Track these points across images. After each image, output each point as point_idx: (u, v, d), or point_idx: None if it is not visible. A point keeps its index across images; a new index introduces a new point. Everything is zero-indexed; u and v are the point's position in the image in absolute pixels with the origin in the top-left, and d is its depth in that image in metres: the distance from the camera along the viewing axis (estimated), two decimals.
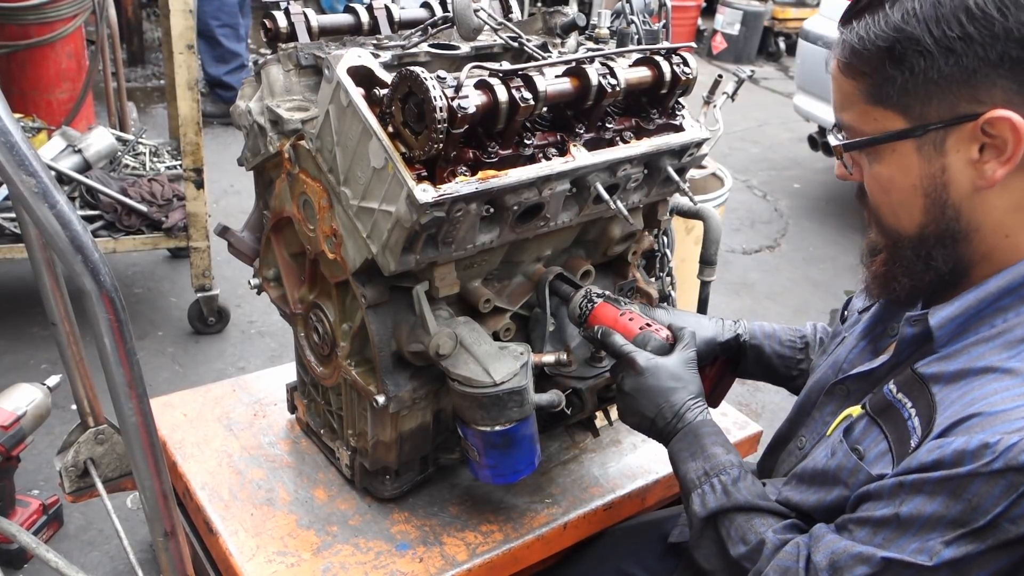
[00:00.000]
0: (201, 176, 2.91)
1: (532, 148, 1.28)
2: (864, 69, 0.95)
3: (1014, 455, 0.83)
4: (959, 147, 0.92)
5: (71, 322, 1.56)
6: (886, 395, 1.03)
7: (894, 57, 0.91)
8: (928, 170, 0.94)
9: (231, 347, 3.16)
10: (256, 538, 1.51)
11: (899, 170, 0.96)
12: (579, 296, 1.43)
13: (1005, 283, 0.95)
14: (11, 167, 0.86)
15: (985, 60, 0.87)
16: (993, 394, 0.89)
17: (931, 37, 0.88)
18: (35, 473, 2.41)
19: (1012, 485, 0.84)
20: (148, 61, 6.00)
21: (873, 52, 0.93)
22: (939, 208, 0.96)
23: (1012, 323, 0.94)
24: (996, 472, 0.84)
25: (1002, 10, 0.85)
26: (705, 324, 1.47)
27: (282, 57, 1.40)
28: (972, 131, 0.90)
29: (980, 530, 0.86)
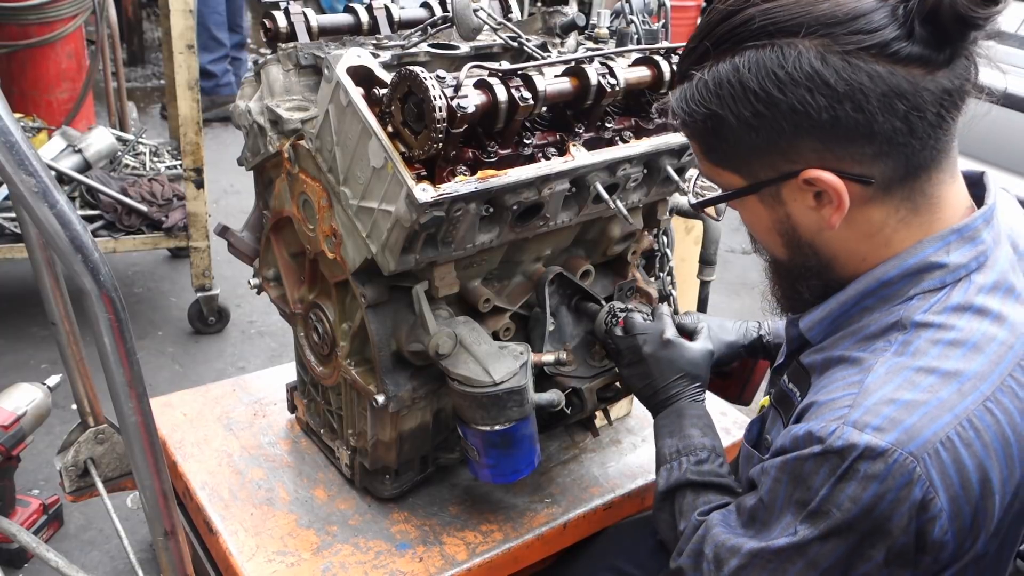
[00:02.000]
0: (201, 176, 2.91)
1: (531, 148, 1.28)
2: (694, 136, 1.01)
3: (831, 440, 0.88)
4: (795, 197, 0.96)
5: (71, 322, 1.56)
6: (782, 386, 1.12)
7: (710, 130, 0.96)
8: (775, 216, 1.00)
9: (231, 347, 3.16)
10: (256, 538, 1.51)
11: (754, 216, 1.03)
12: (603, 313, 1.48)
13: (863, 287, 1.00)
14: (11, 167, 0.86)
15: (782, 132, 0.91)
16: (833, 383, 0.96)
17: (732, 115, 0.93)
18: (35, 473, 2.41)
19: (832, 468, 0.88)
20: (148, 61, 6.00)
21: (693, 124, 0.98)
22: (795, 246, 1.02)
23: (872, 319, 0.99)
24: (818, 455, 0.89)
25: (781, 90, 0.89)
26: (728, 327, 1.53)
27: (282, 57, 1.40)
28: (799, 185, 0.94)
29: (813, 514, 0.91)
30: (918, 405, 0.87)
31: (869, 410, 0.88)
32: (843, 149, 0.91)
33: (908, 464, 0.85)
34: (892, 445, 0.85)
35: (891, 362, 0.92)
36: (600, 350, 1.56)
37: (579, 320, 1.57)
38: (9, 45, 3.50)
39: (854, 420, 0.87)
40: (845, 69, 0.87)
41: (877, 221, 0.96)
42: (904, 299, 0.97)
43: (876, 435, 0.86)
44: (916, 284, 0.96)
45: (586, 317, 1.55)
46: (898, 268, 0.97)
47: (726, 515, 1.06)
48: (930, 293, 0.96)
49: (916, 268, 0.96)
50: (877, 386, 0.90)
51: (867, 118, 0.88)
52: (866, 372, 0.92)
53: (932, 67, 0.87)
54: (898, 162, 0.91)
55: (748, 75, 0.90)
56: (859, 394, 0.90)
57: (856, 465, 0.86)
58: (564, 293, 1.55)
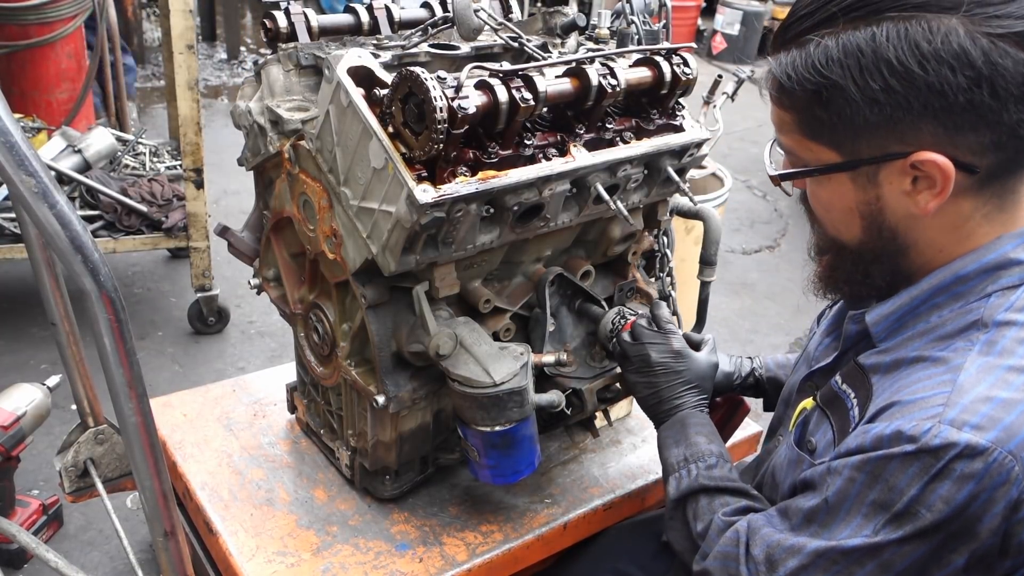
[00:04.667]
0: (201, 176, 2.91)
1: (532, 148, 1.27)
2: (794, 106, 0.97)
3: (927, 439, 0.86)
4: (892, 180, 0.94)
5: (71, 322, 1.56)
6: (833, 387, 1.08)
7: (821, 101, 0.92)
8: (863, 197, 0.97)
9: (231, 347, 3.16)
10: (256, 538, 1.51)
11: (836, 195, 1.00)
12: (611, 314, 1.49)
13: (937, 282, 0.98)
14: (11, 167, 0.86)
15: (909, 110, 0.89)
16: (917, 382, 0.93)
17: (855, 86, 0.89)
18: (35, 473, 2.41)
19: (924, 467, 0.86)
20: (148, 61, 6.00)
21: (800, 93, 0.94)
22: (876, 229, 0.99)
23: (946, 318, 0.97)
24: (909, 455, 0.87)
25: (922, 65, 0.86)
26: (724, 360, 1.53)
27: (282, 57, 1.40)
28: (902, 167, 0.92)
29: (898, 515, 0.88)
30: (1015, 404, 0.86)
31: (967, 408, 0.86)
32: (963, 135, 0.89)
33: (1008, 463, 0.83)
34: (992, 443, 0.84)
35: (980, 361, 0.90)
36: (600, 351, 1.56)
37: (579, 321, 1.57)
38: (9, 45, 3.50)
39: (951, 418, 0.86)
40: (992, 51, 0.84)
41: (965, 213, 0.95)
42: (981, 296, 0.95)
43: (976, 433, 0.84)
44: (994, 281, 0.95)
45: (587, 318, 1.55)
46: (976, 263, 0.96)
47: (770, 518, 1.03)
48: (1009, 290, 0.94)
49: (995, 264, 0.95)
50: (971, 384, 0.88)
51: (1000, 105, 0.86)
52: (956, 371, 0.90)
53: None
54: (1008, 155, 0.90)
55: (887, 45, 0.86)
56: (952, 392, 0.88)
57: (952, 465, 0.84)
58: (564, 294, 1.55)
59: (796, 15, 0.95)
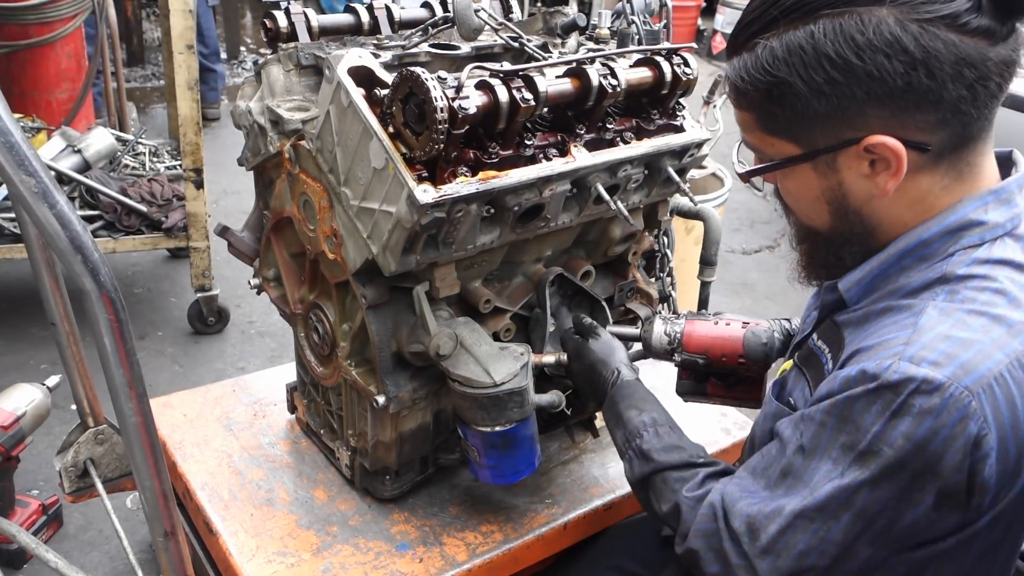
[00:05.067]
0: (201, 176, 2.91)
1: (533, 149, 1.27)
2: (751, 106, 1.02)
3: (887, 375, 0.89)
4: (850, 165, 0.99)
5: (71, 322, 1.56)
6: (810, 344, 1.13)
7: (773, 98, 0.97)
8: (826, 184, 1.02)
9: (231, 347, 3.16)
10: (256, 538, 1.51)
11: (801, 185, 1.05)
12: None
13: (903, 246, 1.02)
14: (11, 167, 0.86)
15: (853, 98, 0.94)
16: (882, 327, 0.98)
17: (802, 82, 0.94)
18: (35, 473, 2.41)
19: (885, 404, 0.89)
20: (148, 61, 6.00)
21: (754, 93, 0.99)
22: (842, 213, 1.03)
23: (913, 277, 1.01)
24: (871, 392, 0.90)
25: (859, 55, 0.91)
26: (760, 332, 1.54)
27: (282, 57, 1.40)
28: (857, 152, 0.97)
29: (863, 454, 0.91)
30: (972, 342, 0.89)
31: (925, 346, 0.89)
32: (909, 116, 0.93)
33: (964, 398, 0.86)
34: (948, 379, 0.86)
35: (942, 306, 0.94)
36: None
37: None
38: (9, 45, 3.50)
39: (910, 355, 0.89)
40: (922, 36, 0.89)
41: (924, 188, 0.99)
42: (944, 256, 0.99)
43: (933, 368, 0.87)
44: (956, 241, 0.99)
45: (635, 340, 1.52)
46: (938, 226, 0.99)
47: (741, 483, 1.06)
48: (970, 249, 0.98)
49: (957, 225, 0.99)
50: (931, 325, 0.92)
51: (938, 85, 0.91)
52: (918, 314, 0.94)
53: (995, 39, 0.91)
54: (955, 130, 0.94)
55: (824, 41, 0.92)
56: (913, 332, 0.92)
57: (911, 400, 0.87)
58: (565, 294, 1.55)
59: (743, 22, 1.01)
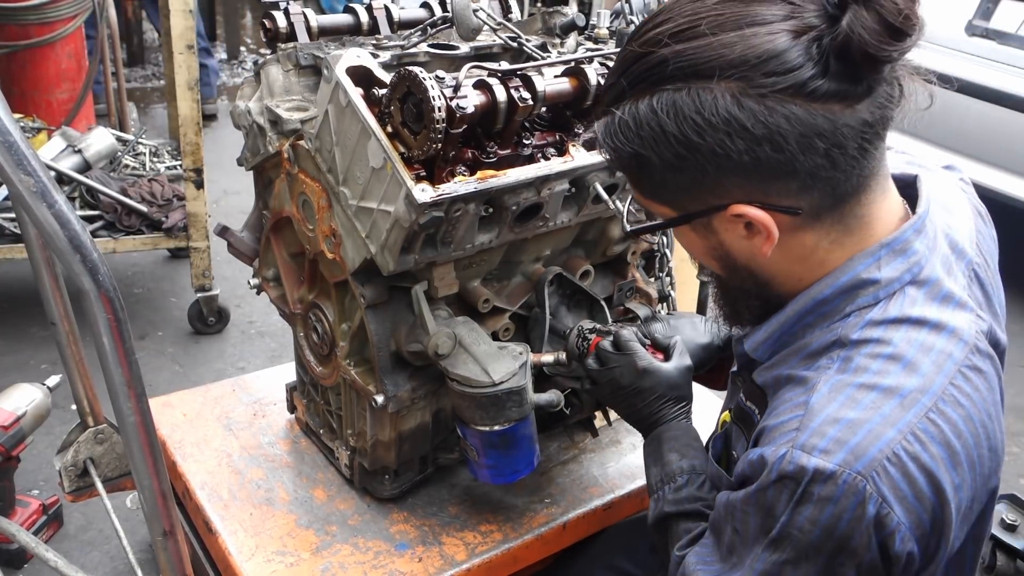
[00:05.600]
0: (201, 176, 2.91)
1: (531, 148, 1.28)
2: (621, 168, 0.99)
3: (783, 466, 0.88)
4: (726, 228, 0.96)
5: (71, 322, 1.56)
6: (740, 404, 1.12)
7: (635, 166, 0.95)
8: (709, 243, 1.00)
9: (231, 347, 3.16)
10: (255, 538, 1.51)
11: (689, 242, 1.04)
12: (573, 336, 1.44)
13: (800, 307, 1.01)
14: (10, 167, 0.86)
15: (706, 172, 0.91)
16: (781, 404, 0.96)
17: (654, 154, 0.92)
18: (35, 473, 2.41)
19: (789, 493, 0.88)
20: (148, 61, 6.00)
21: (619, 159, 0.96)
22: (732, 269, 1.02)
23: (815, 336, 1.00)
24: (775, 482, 0.89)
25: (700, 134, 0.88)
26: (700, 327, 1.51)
27: (282, 57, 1.40)
28: (728, 218, 0.94)
29: (778, 539, 0.90)
30: (862, 423, 0.87)
31: (815, 432, 0.88)
32: (767, 185, 0.91)
33: (858, 484, 0.85)
34: (839, 466, 0.85)
35: (834, 380, 0.92)
36: None
37: (578, 319, 1.56)
38: (9, 45, 3.50)
39: (802, 443, 0.88)
40: (762, 113, 0.85)
41: (809, 245, 0.97)
42: (842, 316, 0.97)
43: (823, 457, 0.86)
44: (851, 301, 0.97)
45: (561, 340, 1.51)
46: (831, 287, 0.98)
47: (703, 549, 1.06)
48: (865, 309, 0.96)
49: (849, 285, 0.97)
50: (821, 406, 0.90)
51: (788, 157, 0.87)
52: (810, 392, 0.93)
53: (851, 100, 0.86)
54: (824, 193, 0.91)
55: (666, 119, 0.89)
56: (804, 415, 0.90)
57: (810, 488, 0.86)
58: (564, 293, 1.55)
59: (604, 86, 0.99)
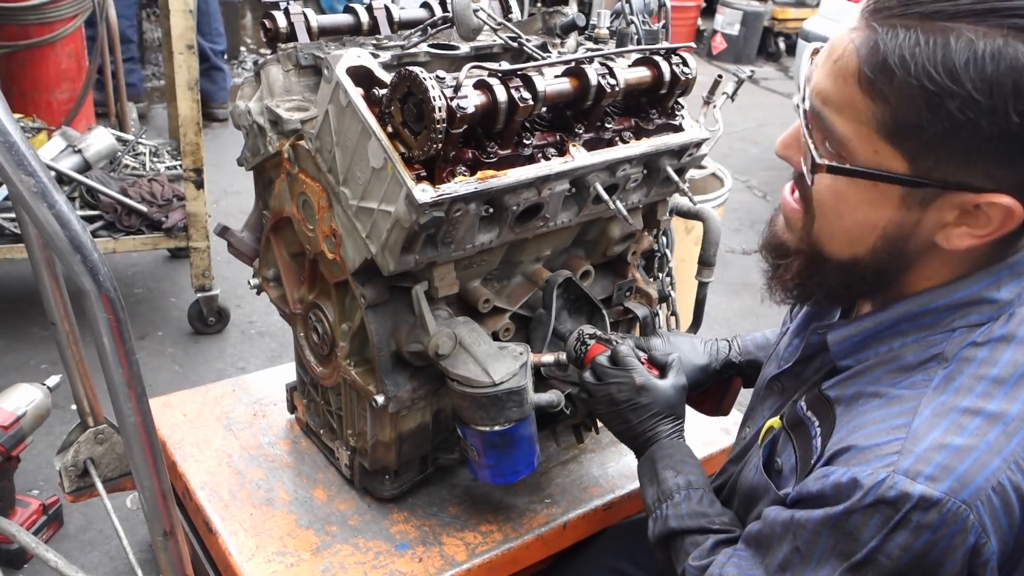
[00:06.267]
0: (201, 176, 2.91)
1: (531, 148, 1.28)
2: (887, 97, 0.81)
3: (883, 491, 0.85)
4: (942, 207, 0.87)
5: (71, 322, 1.56)
6: (798, 412, 1.07)
7: (931, 106, 0.78)
8: (900, 218, 0.89)
9: (231, 347, 3.16)
10: (255, 538, 1.51)
11: (870, 206, 0.90)
12: (573, 339, 1.45)
13: (905, 311, 0.96)
14: (10, 167, 0.86)
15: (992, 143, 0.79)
16: (873, 423, 0.92)
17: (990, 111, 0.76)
18: (35, 473, 2.41)
19: (884, 519, 0.85)
20: (148, 61, 5.99)
21: (907, 88, 0.79)
22: (890, 251, 0.93)
23: (908, 347, 0.96)
24: (869, 507, 0.86)
25: None
26: (699, 349, 1.51)
27: (282, 57, 1.40)
28: (964, 201, 0.85)
29: (860, 564, 0.88)
30: (968, 451, 0.85)
31: (920, 457, 0.85)
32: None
33: (962, 513, 0.83)
34: (946, 494, 0.83)
35: (936, 402, 0.89)
36: None
37: (578, 324, 1.56)
38: (9, 45, 3.50)
39: (906, 468, 0.85)
40: None
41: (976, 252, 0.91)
42: (946, 330, 0.93)
43: (929, 484, 0.83)
44: (963, 316, 0.93)
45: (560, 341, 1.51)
46: (948, 298, 0.93)
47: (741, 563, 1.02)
48: (975, 327, 0.93)
49: (966, 301, 0.93)
50: (926, 430, 0.87)
51: None
52: (911, 414, 0.88)
53: None
54: None
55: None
56: (907, 439, 0.87)
57: (909, 515, 0.84)
58: (567, 297, 1.55)
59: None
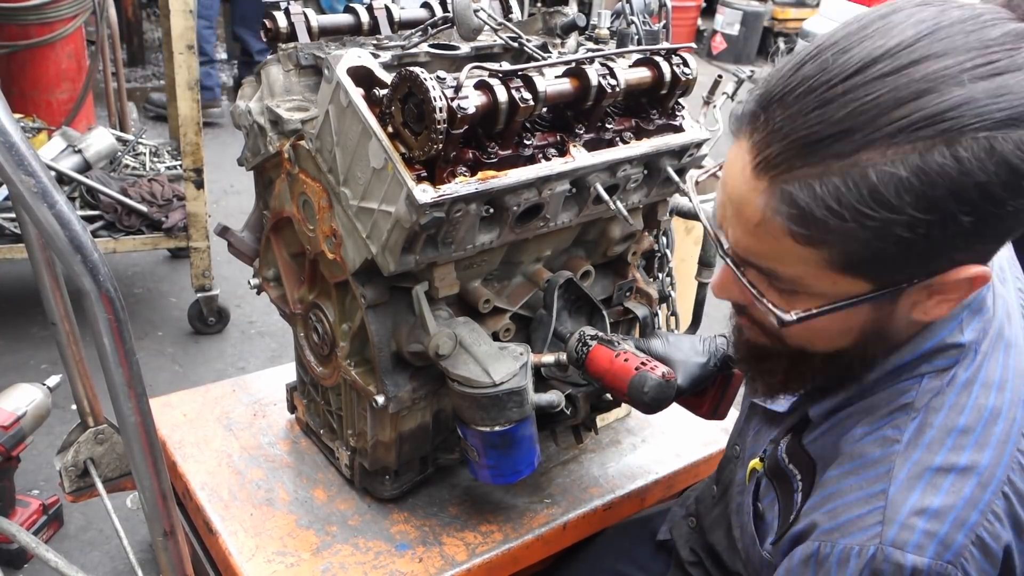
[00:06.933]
0: (201, 176, 2.91)
1: (532, 148, 1.27)
2: (834, 242, 0.81)
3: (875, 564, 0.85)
4: (913, 294, 0.88)
5: (71, 322, 1.56)
6: (780, 462, 1.07)
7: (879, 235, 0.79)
8: (874, 315, 0.91)
9: (231, 347, 3.16)
10: (256, 538, 1.51)
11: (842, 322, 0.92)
12: (574, 340, 1.43)
13: (879, 374, 0.98)
14: (10, 167, 0.86)
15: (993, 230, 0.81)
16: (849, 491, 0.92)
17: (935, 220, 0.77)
18: (35, 473, 2.41)
19: None
20: (148, 61, 6.00)
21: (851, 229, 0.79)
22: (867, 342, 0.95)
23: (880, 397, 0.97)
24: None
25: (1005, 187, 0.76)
26: (699, 348, 1.49)
27: (282, 57, 1.40)
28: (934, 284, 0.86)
29: None
30: (947, 511, 0.86)
31: (903, 525, 0.86)
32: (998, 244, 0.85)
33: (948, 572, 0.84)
34: (933, 559, 0.84)
35: (910, 462, 0.89)
36: None
37: (578, 324, 1.56)
38: (9, 45, 3.50)
39: (892, 539, 0.86)
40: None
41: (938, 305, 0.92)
42: (912, 377, 0.95)
43: (917, 553, 0.84)
44: (929, 362, 0.94)
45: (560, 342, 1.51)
46: (916, 352, 0.95)
47: None
48: (943, 372, 0.94)
49: (932, 350, 0.94)
50: (903, 497, 0.88)
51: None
52: (887, 479, 0.89)
53: None
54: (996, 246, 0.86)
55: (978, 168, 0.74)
56: (887, 508, 0.88)
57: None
58: (568, 298, 1.55)
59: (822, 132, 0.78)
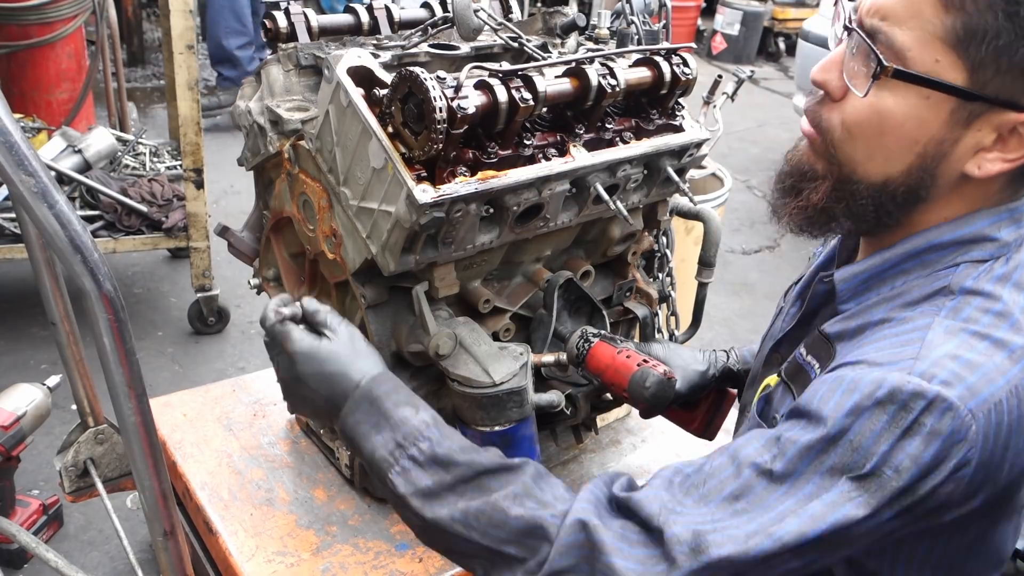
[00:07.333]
0: (201, 176, 2.91)
1: (532, 148, 1.28)
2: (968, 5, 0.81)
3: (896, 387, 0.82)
4: (983, 127, 0.87)
5: (71, 322, 1.56)
6: (797, 359, 1.04)
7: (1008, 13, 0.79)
8: (941, 135, 0.88)
9: (231, 347, 3.16)
10: (256, 538, 1.51)
11: (916, 120, 0.88)
12: (575, 337, 1.43)
13: (911, 247, 0.96)
14: (11, 167, 0.86)
15: None
16: (883, 339, 0.91)
17: None
18: (35, 473, 2.41)
19: (894, 421, 0.82)
20: (148, 61, 6.00)
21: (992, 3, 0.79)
22: (920, 174, 0.92)
23: (912, 284, 0.96)
24: (877, 405, 0.83)
25: None
26: (699, 357, 1.49)
27: (282, 57, 1.40)
28: (1006, 122, 0.85)
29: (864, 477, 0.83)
30: (978, 365, 0.85)
31: (936, 363, 0.85)
32: None
33: (968, 421, 0.82)
34: (958, 400, 0.82)
35: (946, 324, 0.89)
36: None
37: (578, 324, 1.56)
38: (9, 45, 3.50)
39: (921, 371, 0.84)
40: None
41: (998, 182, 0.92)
42: (949, 265, 0.95)
43: (945, 387, 0.83)
44: (965, 252, 0.94)
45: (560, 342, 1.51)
46: (952, 234, 0.95)
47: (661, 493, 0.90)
48: (979, 263, 0.94)
49: (970, 238, 0.94)
50: (939, 342, 0.87)
51: None
52: (924, 330, 0.89)
53: None
54: None
55: None
56: (922, 348, 0.87)
57: (922, 419, 0.82)
58: (568, 298, 1.55)
59: None
